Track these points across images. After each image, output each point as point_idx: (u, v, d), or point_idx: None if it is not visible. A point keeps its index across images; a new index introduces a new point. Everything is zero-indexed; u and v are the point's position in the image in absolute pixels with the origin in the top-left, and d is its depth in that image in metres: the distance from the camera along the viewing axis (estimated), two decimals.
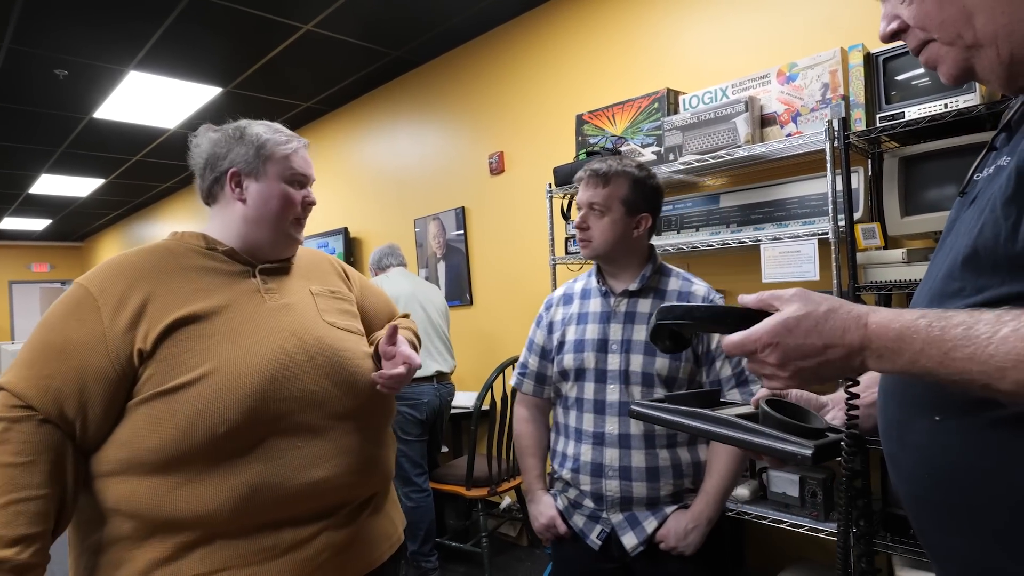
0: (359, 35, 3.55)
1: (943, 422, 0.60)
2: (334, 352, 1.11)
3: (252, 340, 1.03)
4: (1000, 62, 0.64)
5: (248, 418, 0.97)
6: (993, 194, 0.59)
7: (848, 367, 0.62)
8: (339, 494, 1.07)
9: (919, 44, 0.69)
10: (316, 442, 1.04)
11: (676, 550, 1.37)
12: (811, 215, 2.22)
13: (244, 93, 4.28)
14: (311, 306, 1.16)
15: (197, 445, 0.95)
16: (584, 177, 1.47)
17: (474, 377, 3.71)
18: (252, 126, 1.15)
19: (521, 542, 3.26)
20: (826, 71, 2.11)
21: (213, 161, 1.13)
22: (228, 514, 0.96)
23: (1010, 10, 0.61)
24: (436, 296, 3.19)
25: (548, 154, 3.27)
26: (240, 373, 0.99)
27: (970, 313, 0.54)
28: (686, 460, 1.43)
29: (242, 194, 1.12)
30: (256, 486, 0.97)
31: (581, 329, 1.48)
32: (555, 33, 3.26)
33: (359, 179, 4.70)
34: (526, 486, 1.58)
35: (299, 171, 1.16)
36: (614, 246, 1.44)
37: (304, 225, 1.20)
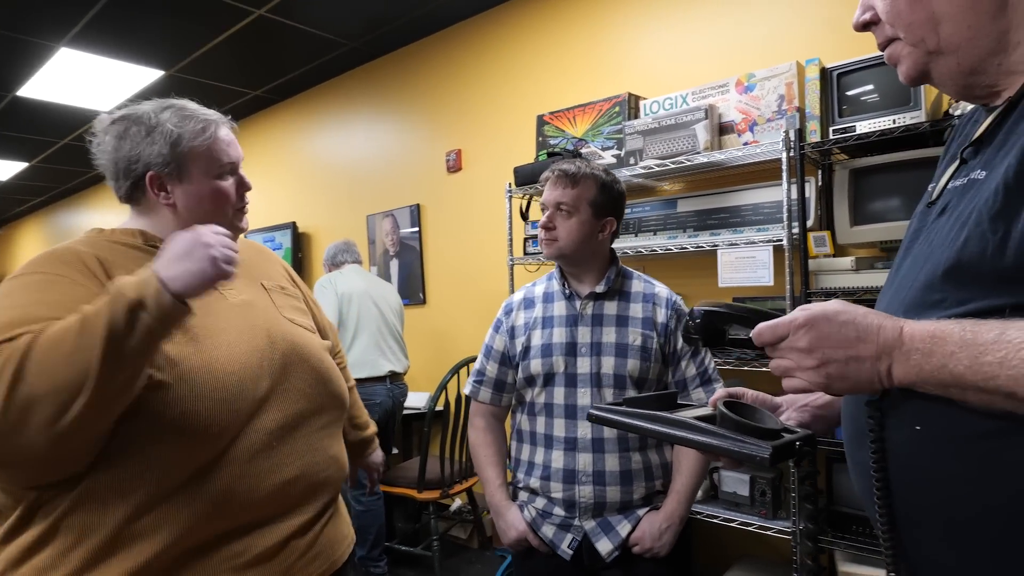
0: (315, 24, 3.44)
1: (924, 432, 0.61)
2: (301, 349, 1.07)
3: (225, 338, 0.97)
4: (960, 71, 0.67)
5: (232, 419, 0.92)
6: (975, 207, 0.60)
7: (874, 370, 0.61)
8: (307, 494, 1.03)
9: (885, 40, 0.72)
10: (288, 441, 1.01)
11: (651, 551, 1.37)
12: (765, 222, 2.29)
13: (187, 78, 4.08)
14: (269, 302, 1.12)
15: (175, 451, 0.88)
16: (552, 177, 1.46)
17: (426, 377, 3.66)
18: (160, 117, 1.01)
19: (472, 544, 3.23)
20: (782, 83, 2.18)
21: (125, 165, 1.01)
22: (199, 522, 0.89)
23: (976, 24, 0.64)
24: (390, 294, 3.13)
25: (507, 154, 3.26)
26: (220, 373, 0.93)
27: (1002, 321, 0.54)
28: (656, 462, 1.44)
29: (168, 198, 1.02)
30: (229, 490, 0.92)
31: (547, 333, 1.46)
32: (517, 32, 3.25)
33: (309, 172, 4.56)
34: (490, 499, 1.52)
35: (226, 160, 1.05)
36: (579, 247, 1.44)
37: (246, 211, 1.12)
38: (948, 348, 0.56)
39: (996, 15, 0.63)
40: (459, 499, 3.31)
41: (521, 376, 1.49)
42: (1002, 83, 0.65)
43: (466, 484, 2.93)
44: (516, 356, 1.51)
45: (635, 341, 1.42)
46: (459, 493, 2.92)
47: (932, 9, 0.65)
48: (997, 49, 0.64)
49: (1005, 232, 0.56)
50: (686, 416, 0.80)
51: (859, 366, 0.61)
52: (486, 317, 3.38)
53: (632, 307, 1.46)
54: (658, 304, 1.47)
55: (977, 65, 0.66)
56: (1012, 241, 0.56)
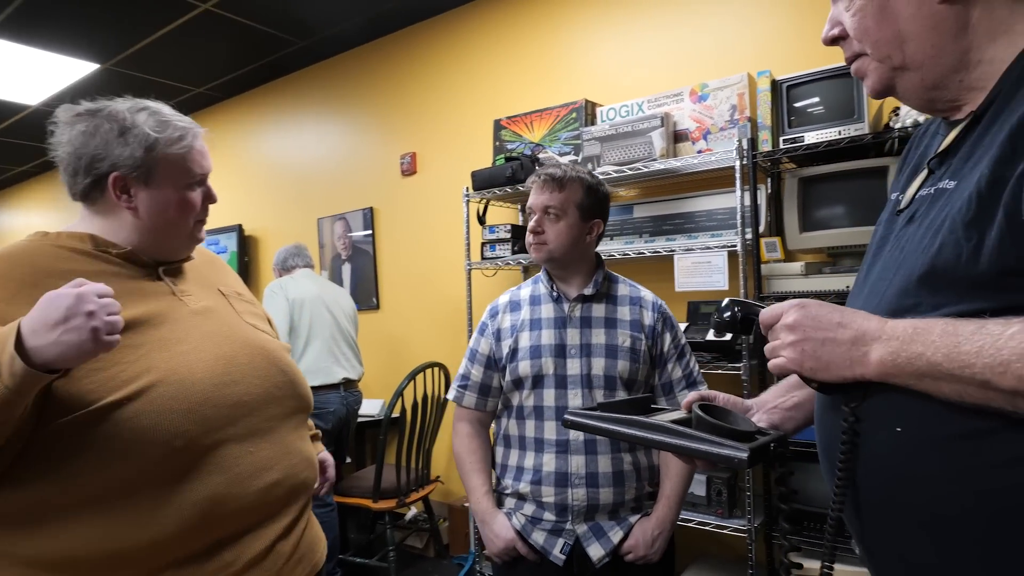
0: (265, 20, 3.34)
1: (905, 434, 0.63)
2: (267, 353, 1.06)
3: (189, 347, 0.95)
4: (923, 86, 0.70)
5: (203, 427, 0.90)
6: (948, 215, 0.63)
7: (848, 355, 0.63)
8: (290, 497, 1.02)
9: (853, 55, 0.75)
10: (265, 445, 0.99)
11: (645, 559, 1.37)
12: (719, 228, 2.35)
13: (126, 72, 3.89)
14: (229, 308, 1.10)
15: (148, 464, 0.85)
16: (538, 181, 1.46)
17: (380, 384, 3.59)
18: (136, 118, 0.97)
19: (428, 553, 3.17)
20: (734, 93, 2.25)
21: (88, 161, 0.95)
22: (187, 534, 0.87)
23: (939, 43, 0.67)
24: (344, 299, 3.05)
25: (463, 157, 3.24)
26: (187, 381, 0.90)
27: (981, 319, 0.57)
28: (645, 463, 1.44)
29: (131, 201, 0.97)
30: (216, 499, 0.90)
31: (536, 335, 1.45)
32: (473, 37, 3.24)
33: (256, 173, 4.42)
34: (476, 506, 1.49)
35: (198, 171, 1.03)
36: (569, 250, 1.44)
37: (206, 221, 1.09)
38: (929, 337, 0.58)
39: (958, 35, 0.66)
40: (415, 508, 3.26)
41: (509, 379, 1.47)
42: (963, 98, 0.69)
43: (423, 492, 2.89)
44: (503, 359, 1.48)
45: (624, 343, 1.43)
46: (415, 502, 2.87)
47: (898, 28, 0.68)
48: (959, 67, 0.67)
49: (979, 239, 0.59)
50: (662, 420, 0.80)
51: (834, 347, 0.64)
52: (442, 322, 3.37)
53: (620, 310, 1.46)
54: (644, 307, 1.48)
55: (940, 81, 0.69)
56: (986, 248, 0.58)
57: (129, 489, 0.85)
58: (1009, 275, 0.57)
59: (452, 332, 3.28)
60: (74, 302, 0.75)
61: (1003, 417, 0.56)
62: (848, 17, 0.73)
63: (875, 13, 0.69)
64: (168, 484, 0.87)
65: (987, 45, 0.65)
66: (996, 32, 0.65)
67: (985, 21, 0.65)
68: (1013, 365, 0.52)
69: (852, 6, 0.72)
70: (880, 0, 0.69)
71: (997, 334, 0.54)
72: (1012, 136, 0.59)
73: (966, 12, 0.65)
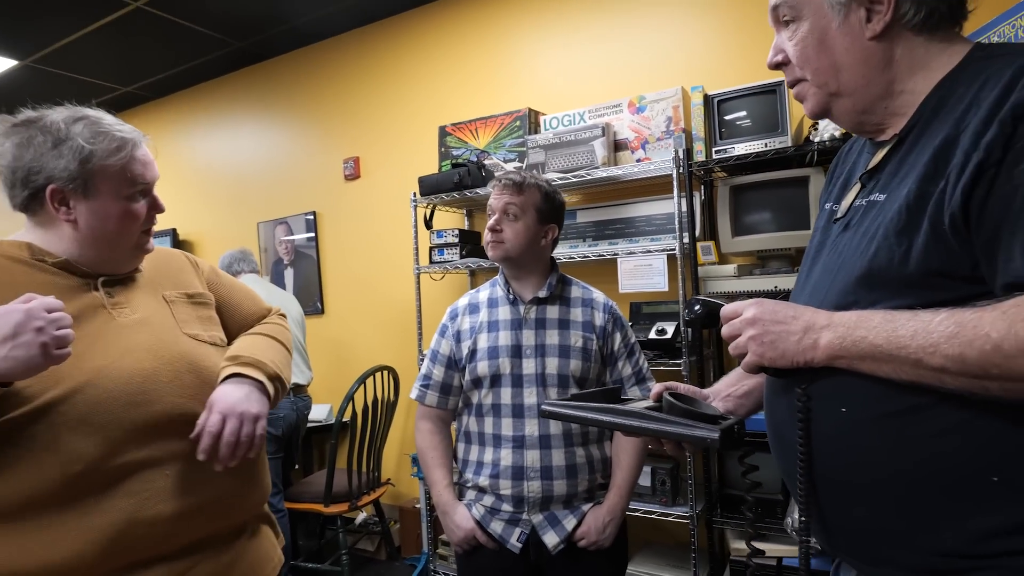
0: (200, 20, 3.26)
1: (849, 415, 0.74)
2: (200, 369, 1.01)
3: (103, 363, 0.91)
4: (855, 110, 0.82)
5: (108, 450, 0.87)
6: (881, 224, 0.74)
7: (802, 342, 0.73)
8: (214, 521, 0.99)
9: (794, 79, 0.86)
10: (187, 467, 0.95)
11: (596, 544, 1.45)
12: (658, 232, 2.49)
13: (47, 69, 3.69)
14: (168, 318, 1.05)
15: (47, 488, 0.83)
16: (499, 184, 1.53)
17: (326, 389, 3.56)
18: (71, 129, 0.94)
19: (380, 556, 3.19)
20: (670, 106, 2.39)
21: (24, 175, 0.94)
22: (92, 559, 0.85)
23: (868, 75, 0.79)
24: (292, 305, 3.03)
25: (408, 163, 3.27)
26: (93, 400, 0.88)
27: (913, 309, 0.68)
28: (598, 456, 1.53)
29: (69, 213, 0.95)
30: (124, 524, 0.87)
31: (493, 336, 1.52)
32: (418, 43, 3.27)
33: (190, 176, 4.28)
34: (438, 499, 1.55)
35: (140, 181, 1.00)
36: (524, 250, 1.51)
37: (153, 233, 1.06)
38: (871, 324, 0.69)
39: (884, 69, 0.77)
40: (364, 511, 3.26)
41: (468, 378, 1.53)
42: (888, 122, 0.80)
43: (374, 495, 2.90)
44: (462, 359, 1.55)
45: (576, 343, 1.51)
46: (367, 505, 2.88)
47: (835, 59, 0.79)
48: (884, 95, 0.79)
49: (908, 245, 0.70)
50: (636, 407, 0.88)
51: (788, 337, 0.74)
52: (389, 325, 3.39)
53: (572, 311, 1.54)
54: (596, 309, 1.56)
55: (868, 107, 0.80)
56: (914, 252, 0.69)
57: (32, 509, 0.83)
58: (934, 275, 0.68)
59: (400, 335, 3.30)
60: (23, 318, 0.76)
61: (933, 394, 0.66)
62: (791, 46, 0.83)
63: (815, 45, 0.80)
64: (72, 507, 0.84)
65: (908, 78, 0.77)
66: (915, 67, 0.77)
67: (906, 58, 0.77)
68: (941, 346, 0.63)
69: (795, 36, 0.82)
70: (820, 34, 0.79)
71: (928, 320, 0.65)
72: (934, 157, 0.70)
73: (891, 49, 0.77)
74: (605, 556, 1.50)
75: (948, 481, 0.67)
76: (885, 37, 0.76)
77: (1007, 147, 0.63)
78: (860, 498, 0.74)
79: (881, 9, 0.75)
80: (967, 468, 0.66)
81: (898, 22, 0.75)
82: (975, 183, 0.64)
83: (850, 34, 0.77)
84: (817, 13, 0.79)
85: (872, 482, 0.72)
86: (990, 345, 0.60)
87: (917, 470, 0.69)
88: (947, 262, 0.67)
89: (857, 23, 0.77)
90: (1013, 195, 0.62)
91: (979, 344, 0.61)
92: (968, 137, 0.66)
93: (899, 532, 0.71)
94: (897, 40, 0.76)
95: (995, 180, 0.63)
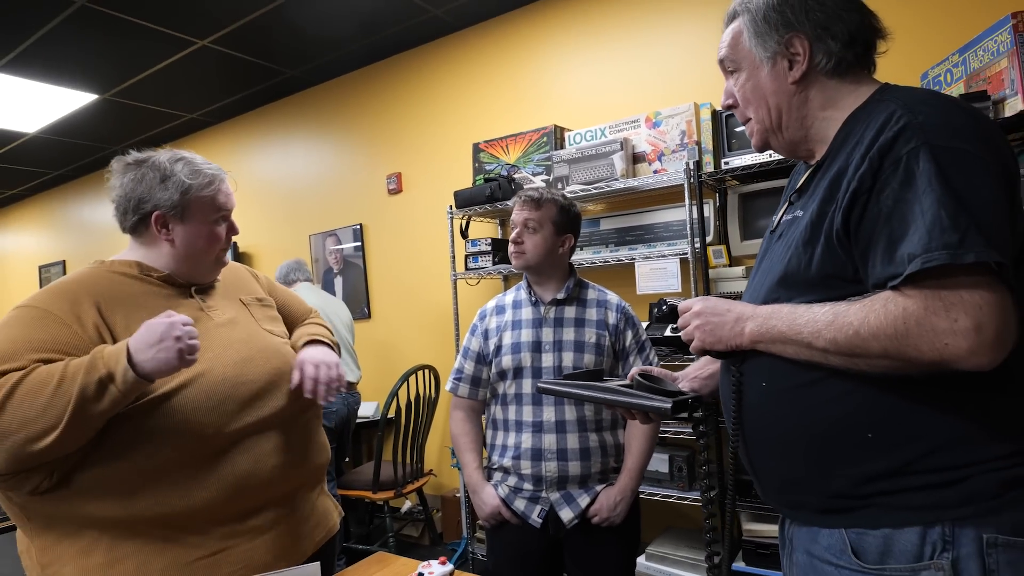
0: (255, 53, 3.60)
1: (768, 387, 0.93)
2: (280, 357, 1.26)
3: (213, 353, 1.16)
4: (787, 142, 1.01)
5: (225, 420, 1.12)
6: (795, 236, 0.93)
7: (733, 330, 0.93)
8: (303, 475, 1.25)
9: (744, 119, 1.05)
10: (282, 432, 1.21)
11: (608, 520, 1.64)
12: (673, 238, 2.67)
13: (122, 101, 4.11)
14: (249, 317, 1.31)
15: (185, 450, 1.08)
16: (519, 201, 1.74)
17: (373, 388, 3.85)
18: (174, 168, 1.19)
19: (424, 542, 3.44)
20: (683, 120, 2.57)
21: (136, 203, 1.18)
22: (221, 503, 1.10)
23: (795, 115, 0.97)
24: (342, 310, 3.32)
25: (445, 177, 3.53)
26: (211, 382, 1.12)
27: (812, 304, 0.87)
28: (611, 442, 1.71)
29: (169, 235, 1.20)
30: (244, 476, 1.13)
31: (516, 334, 1.73)
32: (453, 66, 3.54)
33: (247, 193, 4.65)
34: (468, 479, 1.75)
35: (224, 208, 1.25)
36: (544, 259, 1.71)
37: (228, 250, 1.33)
38: (780, 315, 0.88)
39: (803, 107, 0.96)
40: (409, 501, 3.53)
41: (494, 371, 1.74)
42: (815, 149, 0.99)
43: (417, 484, 3.15)
44: (489, 354, 1.76)
45: (591, 339, 1.70)
46: (410, 493, 3.14)
47: (767, 101, 0.98)
48: (807, 129, 0.98)
49: (811, 254, 0.89)
50: (611, 385, 1.09)
51: (723, 326, 0.94)
52: (430, 328, 3.66)
53: (588, 311, 1.74)
54: (609, 309, 1.75)
55: (796, 139, 0.99)
56: (815, 260, 0.88)
57: (174, 467, 1.06)
58: (829, 278, 0.87)
59: (440, 336, 3.56)
60: (166, 329, 1.00)
61: (826, 370, 0.85)
62: (737, 91, 1.02)
63: (752, 90, 0.99)
64: (204, 464, 1.08)
65: (823, 114, 0.95)
66: (828, 105, 0.95)
67: (819, 97, 0.95)
68: (823, 332, 0.82)
69: (738, 83, 1.01)
70: (755, 81, 0.98)
71: (816, 312, 0.84)
72: (831, 184, 0.89)
73: (809, 91, 0.95)
74: (616, 532, 1.67)
75: (836, 437, 0.86)
76: (804, 82, 0.95)
77: (875, 178, 0.81)
78: (777, 453, 0.93)
79: (799, 59, 0.94)
80: (850, 426, 0.85)
81: (814, 69, 0.94)
82: (851, 207, 0.83)
83: (777, 80, 0.96)
84: (752, 64, 0.98)
85: (785, 440, 0.91)
86: (852, 331, 0.79)
87: (814, 428, 0.88)
88: (838, 267, 0.85)
89: (782, 71, 0.95)
90: (878, 216, 0.80)
91: (846, 330, 0.80)
92: (851, 169, 0.84)
93: (804, 479, 0.90)
94: (813, 84, 0.95)
95: (866, 204, 0.81)
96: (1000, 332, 0.73)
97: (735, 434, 0.99)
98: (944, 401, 0.81)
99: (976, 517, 0.79)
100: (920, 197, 0.76)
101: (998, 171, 0.78)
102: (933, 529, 0.80)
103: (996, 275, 0.74)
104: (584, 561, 1.69)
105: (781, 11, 0.94)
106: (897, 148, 0.79)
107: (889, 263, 0.78)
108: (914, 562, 0.80)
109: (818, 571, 0.89)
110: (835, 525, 0.87)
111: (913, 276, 0.75)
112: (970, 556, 0.78)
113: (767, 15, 0.95)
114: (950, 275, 0.74)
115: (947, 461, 0.81)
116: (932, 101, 0.83)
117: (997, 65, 1.73)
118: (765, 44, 0.95)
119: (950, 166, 0.76)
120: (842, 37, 0.92)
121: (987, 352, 0.73)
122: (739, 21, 0.99)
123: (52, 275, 6.26)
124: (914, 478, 0.82)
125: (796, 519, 0.96)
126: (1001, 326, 0.73)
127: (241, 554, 1.12)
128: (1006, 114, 1.70)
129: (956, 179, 0.75)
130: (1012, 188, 0.80)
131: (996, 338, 0.72)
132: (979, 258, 0.72)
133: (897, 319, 0.76)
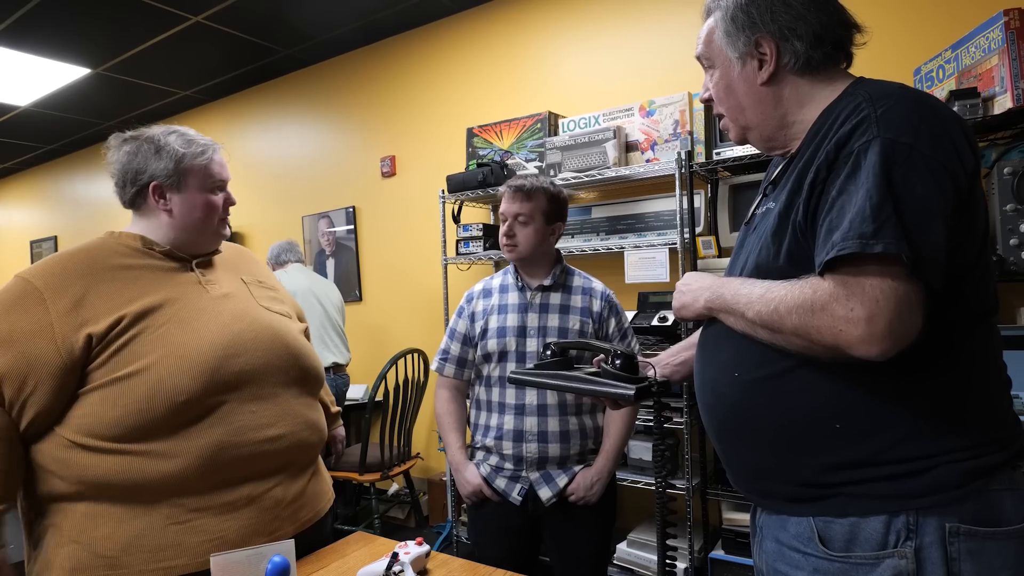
0: (250, 31, 3.57)
1: (740, 377, 0.94)
2: (274, 331, 1.27)
3: (200, 324, 1.18)
4: (762, 138, 1.02)
5: (203, 388, 1.13)
6: (766, 228, 0.94)
7: (695, 299, 0.98)
8: (289, 453, 1.25)
9: (719, 114, 1.06)
10: (267, 407, 1.21)
11: (584, 499, 1.67)
12: (664, 227, 2.67)
13: (115, 76, 4.08)
14: (247, 294, 1.33)
15: (158, 414, 1.09)
16: (508, 192, 1.74)
17: (363, 370, 3.86)
18: (167, 139, 1.22)
19: (409, 524, 3.47)
20: (677, 110, 2.57)
21: (133, 176, 1.22)
22: (195, 472, 1.11)
23: (765, 112, 0.98)
24: (332, 291, 3.32)
25: (439, 161, 3.52)
26: (192, 351, 1.14)
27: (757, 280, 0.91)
28: (590, 425, 1.73)
29: (166, 205, 1.23)
30: (218, 446, 1.13)
31: (502, 318, 1.75)
32: (449, 50, 3.52)
33: (240, 173, 4.63)
34: (451, 458, 1.79)
35: (218, 178, 1.28)
36: (535, 249, 1.73)
37: (228, 222, 1.35)
38: (729, 288, 0.92)
39: (776, 106, 0.97)
40: (396, 483, 3.55)
41: (480, 354, 1.76)
42: (790, 144, 1.00)
43: (404, 467, 3.17)
44: (476, 337, 1.78)
45: (574, 326, 1.72)
46: (397, 476, 3.16)
47: (739, 100, 0.99)
48: (781, 126, 0.98)
49: (779, 245, 0.90)
50: (579, 374, 1.11)
51: (689, 295, 1.00)
52: (420, 312, 3.66)
53: (573, 298, 1.76)
54: (594, 296, 1.77)
55: (771, 135, 1.00)
56: (783, 251, 0.89)
57: (151, 433, 1.07)
58: (795, 266, 0.88)
59: (430, 321, 3.57)
60: None
61: (795, 360, 0.86)
62: (712, 86, 1.03)
63: (724, 88, 1.00)
64: (177, 432, 1.09)
65: (798, 110, 0.96)
66: (803, 102, 0.95)
67: (794, 95, 0.95)
68: (753, 305, 0.86)
69: (713, 81, 1.02)
70: (727, 80, 0.99)
71: (756, 285, 0.87)
72: (799, 176, 0.89)
73: (781, 90, 0.96)
74: (592, 511, 1.71)
75: (806, 427, 0.87)
76: (773, 81, 0.95)
77: (830, 169, 0.82)
78: (748, 443, 0.95)
79: (767, 60, 0.94)
80: (819, 417, 0.86)
81: (783, 69, 0.94)
82: (810, 197, 0.84)
83: (747, 80, 0.96)
84: (724, 64, 0.99)
85: (754, 430, 0.93)
86: (772, 306, 0.83)
87: (784, 418, 0.89)
88: (803, 256, 0.86)
89: (752, 71, 0.96)
90: (831, 207, 0.81)
91: (768, 305, 0.83)
92: (816, 160, 0.85)
93: (774, 468, 0.92)
94: (784, 82, 0.95)
95: (821, 194, 0.83)
96: (892, 325, 0.74)
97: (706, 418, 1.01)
98: (911, 393, 0.83)
99: (939, 507, 0.81)
100: (858, 189, 0.78)
101: (947, 169, 0.78)
102: (898, 518, 0.81)
103: (908, 268, 0.74)
104: (561, 538, 1.72)
105: (748, 12, 0.94)
106: (852, 141, 0.81)
107: (822, 250, 0.80)
108: (879, 550, 0.82)
109: (786, 558, 0.91)
110: (803, 513, 0.89)
111: (831, 263, 0.78)
112: (933, 544, 0.80)
113: (735, 15, 0.95)
114: (860, 264, 0.76)
115: (912, 452, 0.82)
116: (897, 95, 0.83)
117: (988, 62, 1.73)
118: (735, 44, 0.96)
119: (893, 161, 0.77)
120: (807, 37, 0.92)
121: (876, 343, 0.74)
122: (712, 19, 1.00)
123: (44, 250, 6.24)
124: (880, 468, 0.83)
125: (766, 507, 0.97)
126: (894, 319, 0.74)
127: (214, 525, 1.13)
128: (995, 111, 1.71)
129: (894, 173, 0.76)
130: (962, 188, 0.80)
131: (887, 330, 0.74)
132: (887, 249, 0.73)
133: (806, 301, 0.79)
